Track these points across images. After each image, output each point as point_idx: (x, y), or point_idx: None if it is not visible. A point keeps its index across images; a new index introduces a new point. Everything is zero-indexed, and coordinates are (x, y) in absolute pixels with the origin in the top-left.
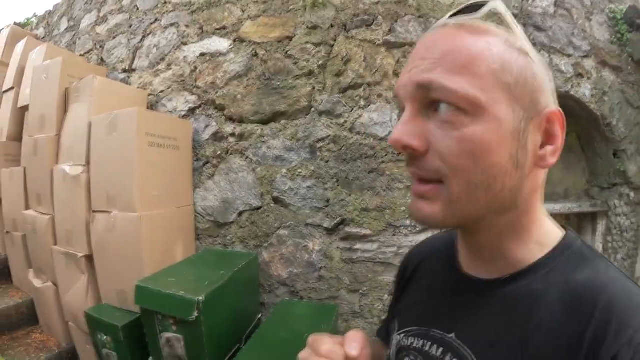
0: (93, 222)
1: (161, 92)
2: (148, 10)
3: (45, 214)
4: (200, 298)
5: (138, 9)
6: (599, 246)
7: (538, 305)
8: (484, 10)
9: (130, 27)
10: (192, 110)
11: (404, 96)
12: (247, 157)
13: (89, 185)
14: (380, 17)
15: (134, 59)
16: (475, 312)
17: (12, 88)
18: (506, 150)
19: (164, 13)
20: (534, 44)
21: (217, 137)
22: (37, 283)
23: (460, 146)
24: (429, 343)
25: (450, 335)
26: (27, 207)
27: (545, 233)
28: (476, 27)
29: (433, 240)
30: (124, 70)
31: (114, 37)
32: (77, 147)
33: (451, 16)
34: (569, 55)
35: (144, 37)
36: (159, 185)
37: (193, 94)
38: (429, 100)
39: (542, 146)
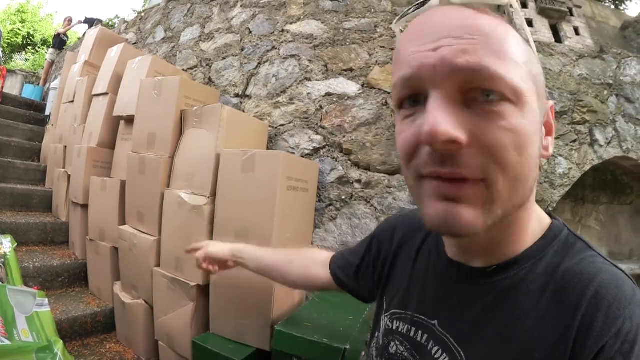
0: None
1: (281, 125)
2: (263, 36)
3: (148, 234)
4: (347, 347)
5: (251, 32)
6: None
7: (524, 296)
8: None
9: (243, 50)
10: (316, 150)
11: (430, 79)
12: (372, 205)
13: (212, 219)
14: None
15: (247, 84)
16: (459, 301)
17: (105, 93)
18: (537, 142)
19: (282, 42)
20: (624, 115)
21: (342, 181)
22: (126, 298)
23: (511, 138)
24: (414, 329)
25: (433, 322)
26: (122, 222)
27: (538, 223)
28: (490, 13)
29: (414, 216)
30: (237, 95)
31: (224, 58)
32: (199, 176)
33: None
34: None
35: (259, 63)
36: (291, 227)
37: (318, 133)
38: (470, 87)
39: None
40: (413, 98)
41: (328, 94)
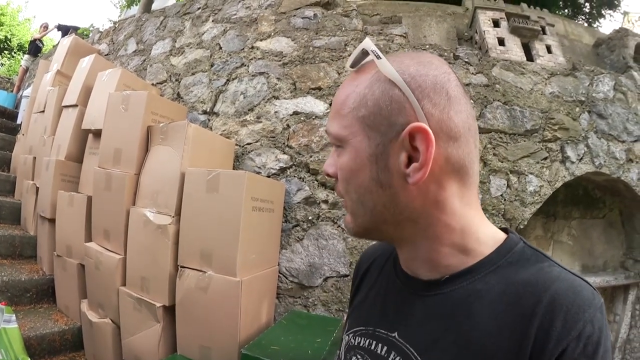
0: (180, 277)
1: (248, 144)
2: (233, 52)
3: (114, 252)
4: None
5: (221, 48)
6: (627, 314)
7: (479, 305)
8: (357, 52)
9: (212, 66)
10: (282, 170)
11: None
12: (339, 226)
13: (177, 238)
14: (471, 100)
15: (215, 101)
16: (417, 312)
17: (74, 105)
18: (366, 173)
19: (251, 59)
20: (596, 132)
21: (309, 201)
22: (93, 317)
23: (340, 173)
24: (374, 342)
25: (393, 334)
26: (89, 239)
27: (478, 238)
28: (361, 69)
29: (383, 243)
30: (205, 112)
31: (193, 74)
32: (164, 195)
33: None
34: (623, 141)
35: (228, 80)
36: (256, 248)
37: (285, 153)
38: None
39: (410, 164)
40: None
41: (295, 113)
